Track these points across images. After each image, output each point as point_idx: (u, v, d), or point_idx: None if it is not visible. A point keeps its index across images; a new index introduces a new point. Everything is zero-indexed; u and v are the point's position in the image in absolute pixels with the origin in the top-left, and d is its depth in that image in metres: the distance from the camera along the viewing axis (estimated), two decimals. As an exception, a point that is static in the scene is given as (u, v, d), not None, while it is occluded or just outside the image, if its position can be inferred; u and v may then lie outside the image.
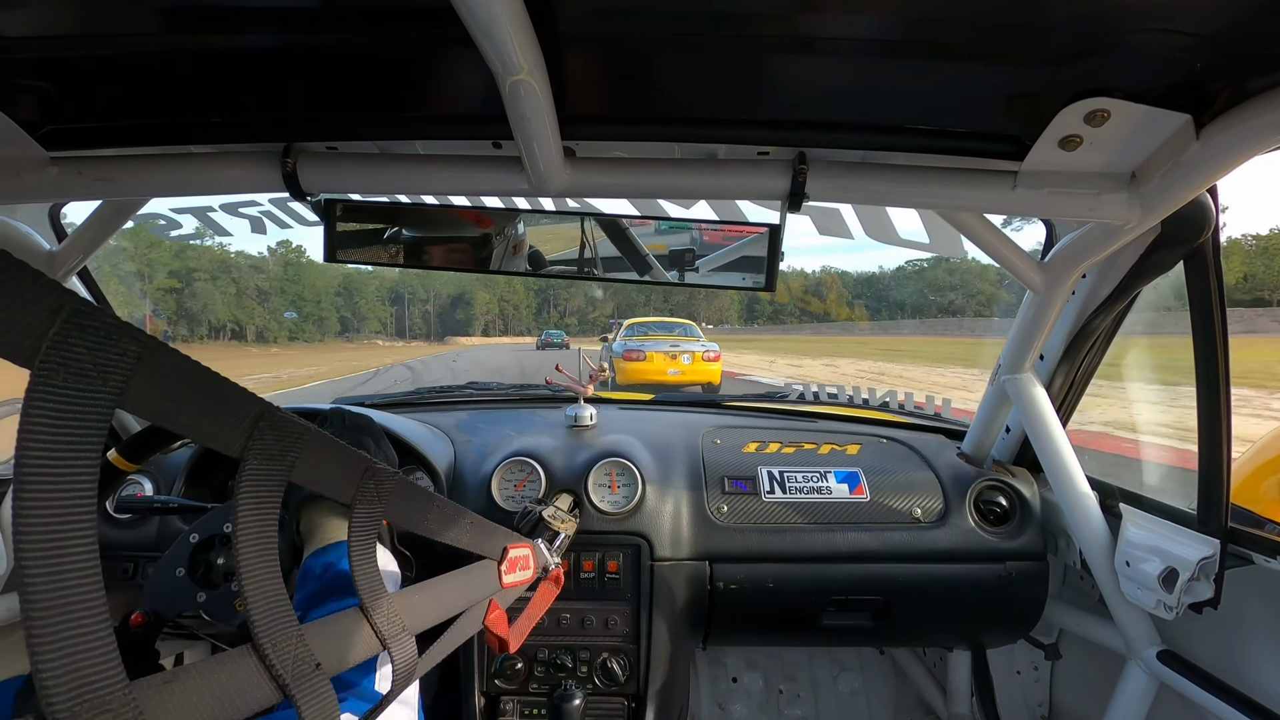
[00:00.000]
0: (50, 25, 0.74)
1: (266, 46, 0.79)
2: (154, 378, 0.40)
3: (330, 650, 0.52)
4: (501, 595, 0.89)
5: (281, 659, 0.46)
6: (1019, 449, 1.55)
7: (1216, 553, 1.07)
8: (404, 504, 0.65)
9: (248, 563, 0.47)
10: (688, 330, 13.70)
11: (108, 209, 1.25)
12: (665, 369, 11.06)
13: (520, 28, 0.64)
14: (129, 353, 0.38)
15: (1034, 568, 1.45)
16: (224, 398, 0.45)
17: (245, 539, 0.47)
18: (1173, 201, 0.86)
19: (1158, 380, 1.78)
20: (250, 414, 0.47)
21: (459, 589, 0.77)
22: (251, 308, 67.84)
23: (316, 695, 0.48)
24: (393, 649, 0.59)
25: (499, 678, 1.38)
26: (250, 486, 0.47)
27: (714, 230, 1.09)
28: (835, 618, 1.50)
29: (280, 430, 0.48)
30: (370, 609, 0.58)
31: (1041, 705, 1.76)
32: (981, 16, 0.66)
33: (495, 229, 1.12)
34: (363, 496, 0.58)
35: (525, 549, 0.96)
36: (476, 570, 0.83)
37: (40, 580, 0.33)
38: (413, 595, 0.67)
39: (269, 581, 0.48)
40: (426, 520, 0.69)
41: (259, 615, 0.46)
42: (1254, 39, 0.64)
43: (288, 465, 0.49)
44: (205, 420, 0.44)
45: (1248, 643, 1.14)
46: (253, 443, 0.46)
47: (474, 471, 1.49)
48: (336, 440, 0.55)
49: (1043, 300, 1.21)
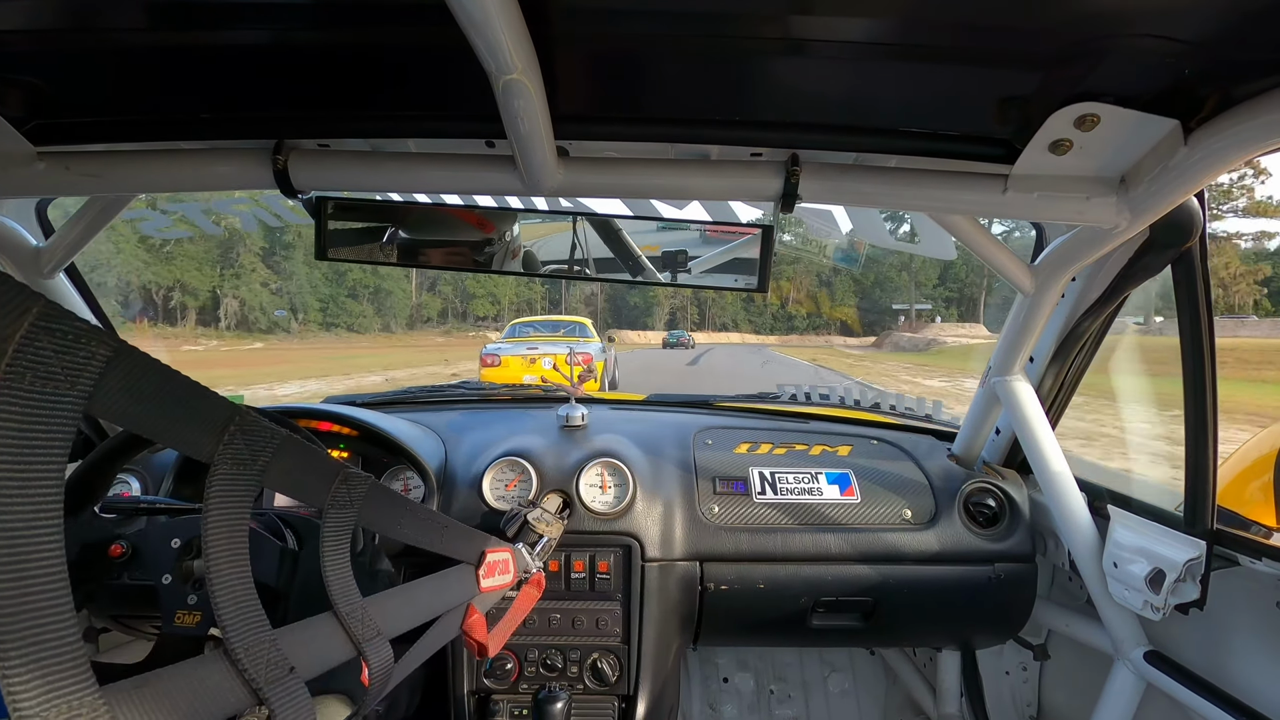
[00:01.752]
0: (38, 19, 0.73)
1: (258, 43, 0.78)
2: (124, 382, 0.40)
3: (304, 654, 0.52)
4: (480, 599, 0.89)
5: (254, 662, 0.46)
6: (1009, 451, 1.55)
7: (1203, 554, 1.08)
8: (377, 509, 0.64)
9: (218, 568, 0.46)
10: (573, 330, 12.33)
11: (96, 205, 1.23)
12: (521, 375, 9.84)
13: (514, 27, 0.63)
14: (98, 356, 0.38)
15: (1022, 570, 1.46)
16: (195, 402, 0.45)
17: (215, 544, 0.46)
18: (1161, 206, 0.86)
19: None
20: (221, 418, 0.47)
21: (434, 593, 0.77)
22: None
23: (291, 698, 0.48)
24: (368, 653, 0.59)
25: (489, 677, 1.37)
26: (220, 491, 0.47)
27: (708, 231, 1.10)
28: (825, 618, 1.51)
29: (252, 435, 0.48)
30: (343, 614, 0.58)
31: (1030, 705, 1.77)
32: (973, 21, 0.67)
33: (488, 228, 1.12)
34: (335, 501, 0.58)
35: (505, 553, 0.95)
36: (453, 575, 0.82)
37: (4, 587, 0.33)
38: (386, 600, 0.67)
39: (240, 586, 0.48)
40: (400, 525, 0.69)
41: (230, 620, 0.46)
42: (1242, 45, 0.65)
43: (259, 470, 0.49)
44: (175, 424, 0.44)
45: (1233, 643, 1.16)
46: (224, 447, 0.46)
47: (465, 471, 1.49)
48: (310, 445, 0.55)
49: (1032, 303, 1.22)
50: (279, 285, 43.38)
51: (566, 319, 13.56)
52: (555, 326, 12.61)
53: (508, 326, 12.75)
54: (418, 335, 50.98)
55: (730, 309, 66.16)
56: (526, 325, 12.85)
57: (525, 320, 13.71)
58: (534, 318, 14.98)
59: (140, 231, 16.57)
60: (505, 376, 9.83)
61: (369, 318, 50.05)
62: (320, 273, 44.23)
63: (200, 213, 1.67)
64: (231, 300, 40.63)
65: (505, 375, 9.89)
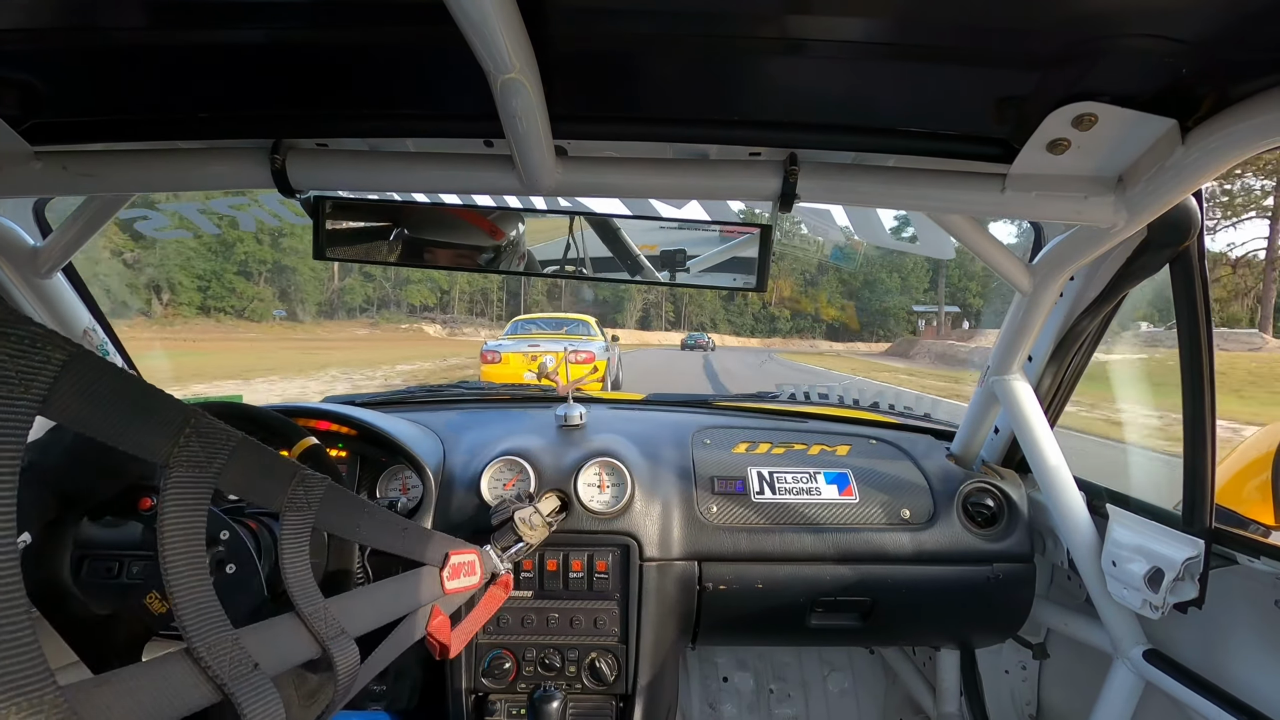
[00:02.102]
0: (34, 18, 0.73)
1: (256, 42, 0.78)
2: (78, 385, 0.40)
3: (268, 652, 0.52)
4: (445, 601, 0.89)
5: (217, 660, 0.47)
6: (1007, 450, 1.56)
7: (1201, 553, 1.08)
8: (334, 511, 0.65)
9: (175, 570, 0.47)
10: (576, 327, 11.85)
11: (93, 204, 1.23)
12: (521, 371, 9.61)
13: (512, 26, 0.63)
14: (54, 361, 0.38)
15: (1021, 570, 1.46)
16: (151, 405, 0.46)
17: (172, 547, 0.47)
18: (1159, 205, 0.87)
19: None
20: (177, 421, 0.47)
21: (397, 594, 0.77)
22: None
23: (258, 693, 0.48)
24: (333, 650, 0.60)
25: (487, 677, 1.37)
26: (176, 494, 0.47)
27: (705, 230, 1.10)
28: (824, 618, 1.51)
29: (207, 438, 0.49)
30: (306, 613, 0.59)
31: (1029, 704, 1.77)
32: (971, 21, 0.67)
33: (487, 228, 1.12)
34: (292, 504, 0.58)
35: (470, 555, 0.96)
36: (416, 576, 0.83)
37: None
38: (349, 601, 0.67)
39: (199, 589, 0.48)
40: (359, 527, 0.69)
41: (190, 621, 0.47)
42: (1239, 45, 0.65)
43: (214, 473, 0.50)
44: (130, 428, 0.44)
45: (1231, 642, 1.16)
46: (179, 449, 0.47)
47: (463, 471, 1.49)
48: (265, 447, 0.55)
49: (1031, 302, 1.22)
50: (137, 255, 33.13)
51: (569, 316, 13.09)
52: (558, 324, 12.26)
53: (509, 323, 12.47)
54: (333, 326, 43.14)
55: (709, 307, 62.36)
56: (529, 322, 12.65)
57: (528, 317, 13.53)
58: (537, 315, 14.66)
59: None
60: (506, 374, 9.78)
61: (267, 301, 41.96)
62: (202, 242, 35.54)
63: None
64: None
65: (506, 372, 9.76)
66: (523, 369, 9.51)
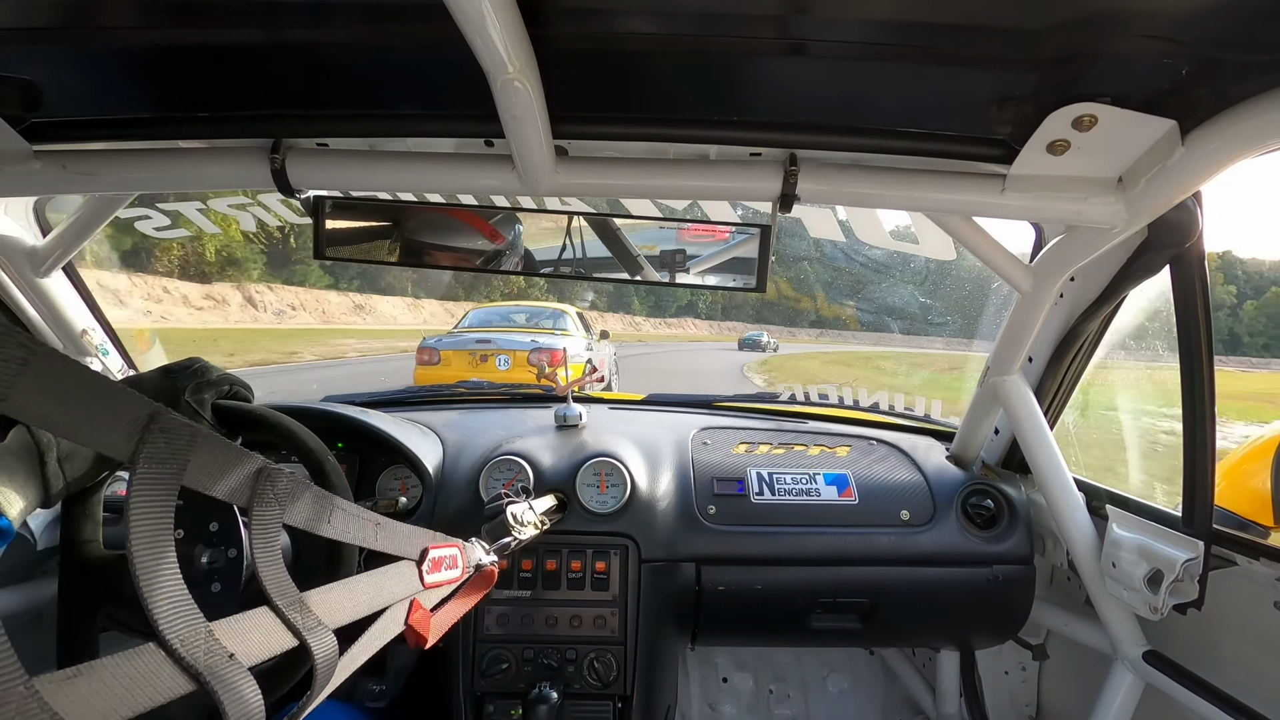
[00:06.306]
0: (33, 16, 0.73)
1: (255, 41, 0.78)
2: (39, 383, 0.40)
3: (243, 643, 0.52)
4: (425, 595, 0.89)
5: (191, 651, 0.46)
6: (1007, 451, 1.55)
7: (1201, 554, 1.08)
8: (302, 506, 0.65)
9: (145, 567, 0.47)
10: (545, 319, 9.11)
11: (93, 203, 1.24)
12: (467, 375, 7.26)
13: (511, 26, 0.63)
14: (13, 359, 0.39)
15: (1021, 571, 1.46)
16: (112, 402, 0.46)
17: (140, 544, 0.47)
18: (1159, 206, 0.86)
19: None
20: (140, 418, 0.47)
21: (375, 587, 0.77)
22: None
23: (234, 682, 0.48)
24: (311, 641, 0.60)
25: (485, 677, 1.37)
26: (142, 491, 0.47)
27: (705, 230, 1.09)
28: (823, 619, 1.50)
29: (171, 434, 0.49)
30: (280, 606, 0.59)
31: (1029, 705, 1.77)
32: (971, 22, 0.67)
33: (486, 228, 1.12)
34: (260, 499, 0.58)
35: (452, 548, 0.95)
36: (393, 570, 0.83)
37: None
38: (325, 593, 0.67)
39: (170, 584, 0.48)
40: (329, 523, 0.69)
41: (163, 615, 0.47)
42: (1239, 46, 0.65)
43: (179, 469, 0.50)
44: (93, 425, 0.45)
45: (1231, 643, 1.16)
46: (143, 446, 0.47)
47: (462, 470, 1.49)
48: (229, 443, 0.56)
49: (1031, 302, 1.22)
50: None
51: (539, 305, 10.23)
52: (530, 314, 9.47)
53: (464, 315, 9.62)
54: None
55: (681, 293, 55.75)
56: (491, 312, 9.84)
57: (489, 306, 10.99)
58: (501, 303, 11.77)
59: None
60: (445, 376, 7.29)
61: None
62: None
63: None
64: None
65: (446, 375, 7.43)
66: (469, 372, 7.48)
